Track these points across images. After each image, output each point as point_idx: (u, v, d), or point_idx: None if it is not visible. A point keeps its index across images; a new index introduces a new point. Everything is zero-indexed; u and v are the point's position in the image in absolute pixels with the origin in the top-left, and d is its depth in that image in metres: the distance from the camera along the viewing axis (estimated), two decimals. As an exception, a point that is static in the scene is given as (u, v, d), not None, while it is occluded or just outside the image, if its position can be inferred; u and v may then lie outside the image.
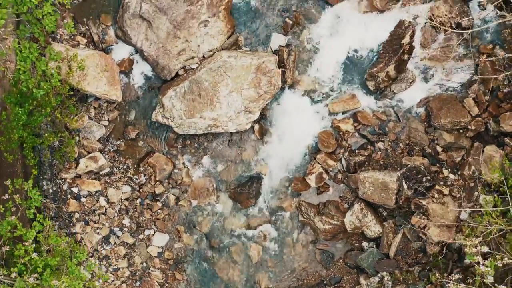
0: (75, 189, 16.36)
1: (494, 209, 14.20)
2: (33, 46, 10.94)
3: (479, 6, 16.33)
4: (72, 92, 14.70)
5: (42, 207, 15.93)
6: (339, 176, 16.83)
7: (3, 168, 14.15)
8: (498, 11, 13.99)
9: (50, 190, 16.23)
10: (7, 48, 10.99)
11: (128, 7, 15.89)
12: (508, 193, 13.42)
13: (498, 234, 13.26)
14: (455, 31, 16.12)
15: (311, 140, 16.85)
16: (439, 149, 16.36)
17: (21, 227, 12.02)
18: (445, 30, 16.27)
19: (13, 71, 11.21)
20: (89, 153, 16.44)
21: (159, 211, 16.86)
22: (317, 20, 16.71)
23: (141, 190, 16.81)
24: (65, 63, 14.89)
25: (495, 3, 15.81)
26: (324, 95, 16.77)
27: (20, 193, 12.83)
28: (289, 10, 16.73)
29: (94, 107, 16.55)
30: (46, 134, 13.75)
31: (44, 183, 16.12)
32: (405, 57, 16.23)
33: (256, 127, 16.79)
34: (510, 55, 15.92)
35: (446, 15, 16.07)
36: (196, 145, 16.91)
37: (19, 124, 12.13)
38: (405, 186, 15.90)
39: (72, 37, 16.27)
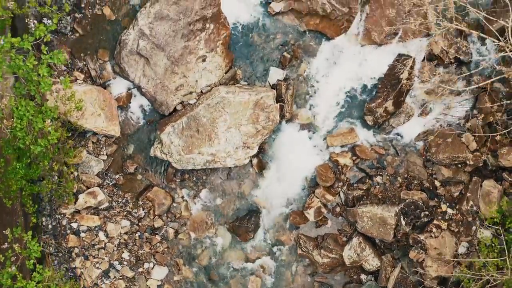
0: (74, 225, 16.42)
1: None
2: (30, 104, 10.93)
3: (478, 40, 16.25)
4: (70, 133, 14.69)
5: (42, 243, 16.00)
6: (338, 209, 16.87)
7: (2, 211, 14.18)
8: (496, 42, 13.91)
9: (50, 226, 16.29)
10: (4, 105, 10.97)
11: (125, 44, 15.84)
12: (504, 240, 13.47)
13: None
14: (454, 65, 16.14)
15: (309, 173, 16.87)
16: (437, 183, 16.37)
17: (21, 278, 12.10)
18: (444, 65, 16.23)
19: (10, 127, 11.19)
20: (88, 187, 16.47)
21: (158, 244, 16.93)
22: (316, 53, 16.65)
23: (140, 224, 16.86)
24: (63, 99, 14.89)
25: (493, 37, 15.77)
26: (322, 129, 16.76)
27: (20, 242, 12.89)
28: (287, 43, 16.68)
29: (93, 142, 16.57)
30: (45, 181, 13.76)
31: (44, 218, 16.16)
32: (404, 92, 16.20)
33: (255, 161, 16.81)
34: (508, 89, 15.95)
35: (444, 50, 16.01)
36: (194, 179, 16.94)
37: (17, 177, 12.16)
38: (403, 222, 15.94)
39: (70, 72, 16.26)
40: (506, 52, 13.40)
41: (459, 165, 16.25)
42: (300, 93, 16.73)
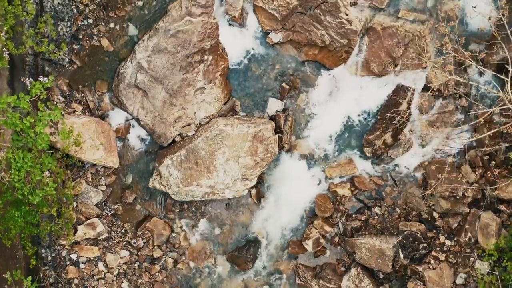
0: (73, 256, 16.47)
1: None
2: (27, 156, 10.93)
3: (478, 71, 16.20)
4: (69, 171, 14.73)
5: (41, 275, 16.08)
6: (336, 239, 16.90)
7: (2, 250, 14.23)
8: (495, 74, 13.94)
9: (49, 257, 16.35)
10: (2, 157, 10.98)
11: (123, 77, 15.79)
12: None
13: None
14: (453, 97, 16.11)
15: (308, 204, 16.89)
16: (435, 215, 16.40)
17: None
18: (443, 96, 16.21)
19: (8, 178, 11.20)
20: (87, 218, 16.51)
21: (157, 274, 16.99)
22: (314, 84, 16.61)
23: (139, 254, 16.91)
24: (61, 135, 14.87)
25: (493, 69, 15.74)
26: (321, 159, 16.76)
27: (20, 284, 12.95)
28: (286, 74, 16.63)
29: (92, 173, 16.57)
30: (43, 224, 13.80)
31: (43, 250, 16.22)
32: (403, 124, 16.17)
33: (253, 191, 16.82)
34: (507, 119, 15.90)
35: (443, 82, 15.95)
36: (193, 209, 16.97)
37: (16, 225, 12.20)
38: (402, 255, 15.99)
39: (68, 104, 16.23)
40: (506, 104, 13.39)
41: (458, 197, 16.26)
42: (299, 124, 16.72)
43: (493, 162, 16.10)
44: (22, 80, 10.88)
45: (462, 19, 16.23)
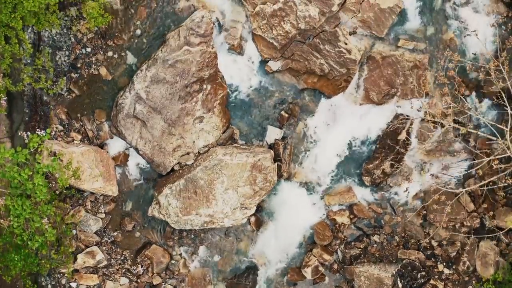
0: (73, 284, 16.50)
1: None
2: (26, 203, 10.94)
3: (477, 99, 16.18)
4: (68, 203, 14.74)
5: (41, 302, 16.15)
6: (335, 266, 16.94)
7: (3, 281, 14.27)
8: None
9: (49, 286, 16.39)
10: (1, 205, 10.98)
11: (122, 107, 15.75)
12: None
13: None
14: (452, 125, 16.05)
15: (307, 231, 16.92)
16: (434, 243, 16.44)
17: None
18: (442, 125, 16.18)
19: (8, 225, 11.22)
20: (86, 246, 16.53)
21: (157, 300, 17.07)
22: (313, 112, 16.58)
23: (139, 281, 16.95)
24: (59, 167, 14.90)
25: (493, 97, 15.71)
26: (320, 187, 16.76)
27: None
28: (285, 101, 16.59)
29: (91, 201, 16.57)
30: (43, 261, 13.83)
31: (43, 278, 16.25)
32: (401, 153, 16.16)
33: (252, 219, 16.84)
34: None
35: (443, 111, 15.92)
36: (192, 236, 16.99)
37: (15, 267, 12.23)
38: (400, 285, 16.04)
39: (67, 133, 16.22)
40: (507, 152, 13.40)
41: (456, 226, 16.28)
42: (298, 151, 16.70)
43: (492, 191, 16.09)
44: (19, 134, 10.84)
45: (461, 47, 16.18)
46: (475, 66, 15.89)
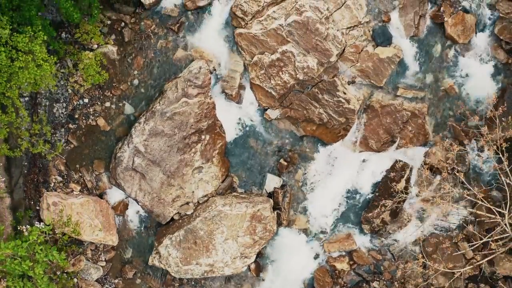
0: (75, 333, 16.65)
1: None
2: (27, 285, 10.98)
3: (477, 148, 16.12)
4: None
5: None
6: (335, 311, 17.06)
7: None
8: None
9: (51, 335, 16.51)
10: (3, 287, 11.01)
11: (120, 161, 15.70)
12: None
13: None
14: (451, 174, 16.03)
15: (307, 277, 16.97)
16: (433, 290, 16.54)
17: None
18: (441, 173, 16.14)
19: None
20: (87, 295, 16.65)
21: None
22: (312, 159, 16.54)
23: (140, 327, 17.10)
24: (59, 223, 15.00)
25: (493, 148, 15.64)
26: (320, 234, 16.78)
27: None
28: (284, 149, 16.55)
29: (91, 249, 16.62)
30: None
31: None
32: (401, 202, 16.15)
33: (252, 266, 16.88)
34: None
35: (442, 161, 15.88)
36: (193, 283, 17.05)
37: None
38: (400, 333, 16.18)
39: (66, 184, 16.21)
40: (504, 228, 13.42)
41: (455, 273, 16.32)
42: (297, 199, 16.70)
43: (492, 238, 16.11)
44: (18, 228, 10.82)
45: (461, 95, 16.09)
46: (474, 114, 15.83)
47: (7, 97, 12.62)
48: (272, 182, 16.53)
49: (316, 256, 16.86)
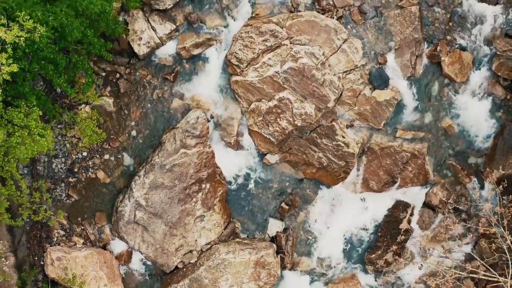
0: None
1: None
2: None
3: (477, 186, 16.12)
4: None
5: None
6: None
7: None
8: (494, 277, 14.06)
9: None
10: None
11: (122, 215, 15.70)
12: None
13: None
14: (453, 212, 16.06)
15: (313, 317, 17.11)
16: (439, 327, 16.61)
17: None
18: (443, 212, 16.17)
19: None
20: None
21: None
22: (314, 201, 16.54)
23: None
24: (65, 281, 15.06)
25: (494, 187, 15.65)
26: (324, 275, 16.83)
27: None
28: (285, 192, 16.53)
29: (97, 301, 16.69)
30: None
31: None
32: (404, 242, 16.19)
33: (258, 308, 16.99)
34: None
35: (443, 200, 15.88)
36: (200, 327, 17.17)
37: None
38: None
39: (69, 237, 16.22)
40: None
41: (461, 310, 16.45)
42: (300, 241, 16.72)
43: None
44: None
45: (460, 134, 16.03)
46: (474, 152, 15.82)
47: (6, 170, 12.56)
48: (274, 226, 16.55)
49: (321, 297, 16.98)
